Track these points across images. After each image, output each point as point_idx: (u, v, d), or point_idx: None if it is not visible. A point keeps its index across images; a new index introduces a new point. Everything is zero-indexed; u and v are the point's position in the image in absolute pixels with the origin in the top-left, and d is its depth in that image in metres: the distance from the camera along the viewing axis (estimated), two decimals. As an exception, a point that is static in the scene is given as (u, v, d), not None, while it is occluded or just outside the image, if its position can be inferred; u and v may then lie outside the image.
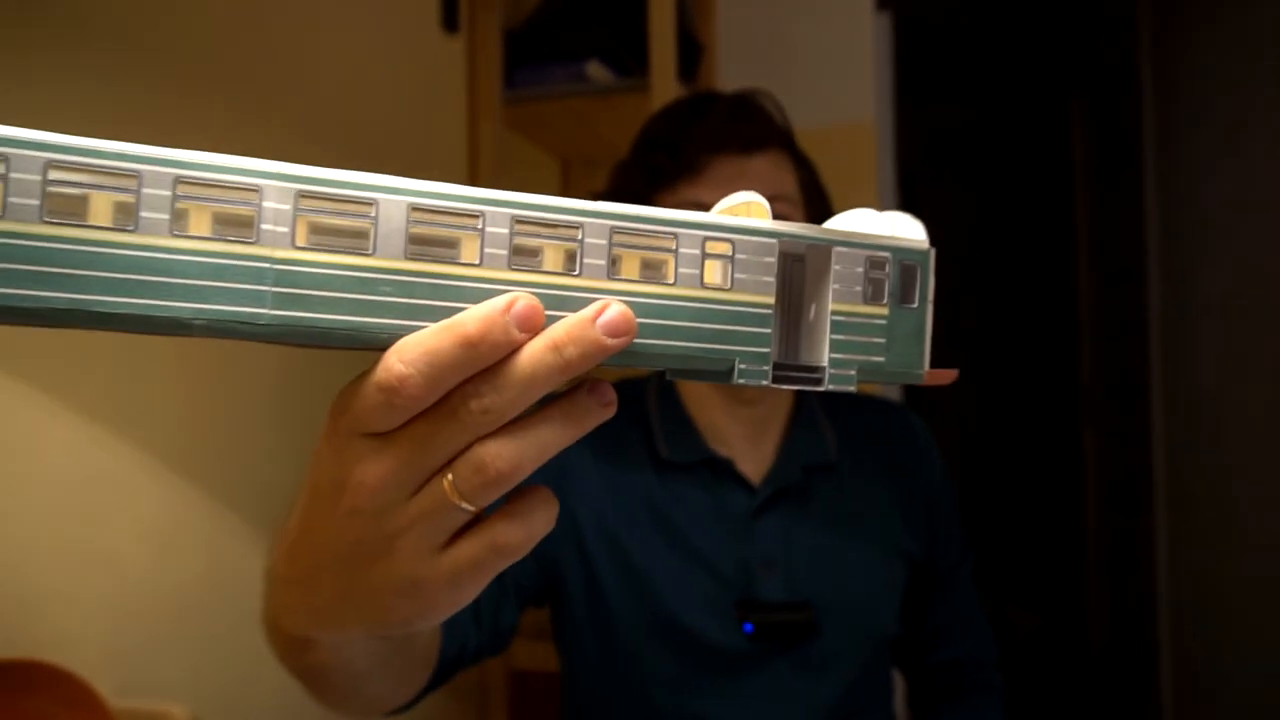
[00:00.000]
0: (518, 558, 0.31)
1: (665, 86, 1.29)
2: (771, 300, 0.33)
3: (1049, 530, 3.33)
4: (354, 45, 1.08)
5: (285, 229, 0.27)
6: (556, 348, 0.28)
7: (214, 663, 0.84)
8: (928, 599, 0.90)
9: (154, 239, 0.26)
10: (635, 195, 0.80)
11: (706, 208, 0.63)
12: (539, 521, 0.31)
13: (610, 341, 0.29)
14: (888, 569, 0.85)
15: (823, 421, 0.88)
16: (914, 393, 2.36)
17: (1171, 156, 2.43)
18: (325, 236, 0.28)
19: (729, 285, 0.33)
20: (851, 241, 0.34)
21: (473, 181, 1.40)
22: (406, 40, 1.23)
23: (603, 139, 1.64)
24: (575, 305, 0.30)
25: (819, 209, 0.83)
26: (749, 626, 0.79)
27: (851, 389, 0.35)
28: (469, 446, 0.29)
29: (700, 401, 0.85)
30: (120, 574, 0.74)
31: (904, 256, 0.35)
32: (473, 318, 0.28)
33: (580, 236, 0.30)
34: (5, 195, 0.24)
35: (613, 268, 0.31)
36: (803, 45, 1.60)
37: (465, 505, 0.29)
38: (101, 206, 0.25)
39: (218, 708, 0.82)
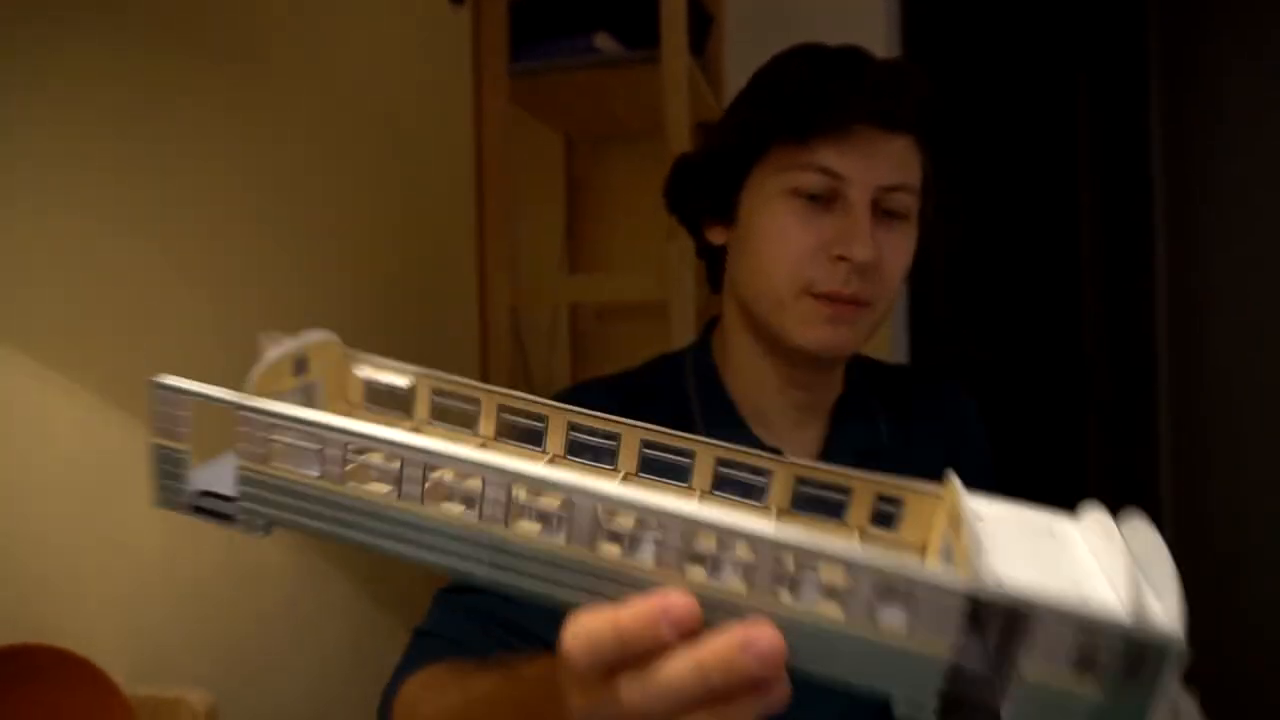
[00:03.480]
0: None
1: (676, 58, 1.27)
2: (945, 656, 0.30)
3: (1051, 501, 3.31)
4: (360, 17, 1.06)
5: (500, 513, 0.34)
6: (702, 670, 0.29)
7: (233, 651, 0.82)
8: None
9: (411, 506, 0.35)
10: (751, 141, 0.75)
11: (833, 174, 0.67)
12: None
13: (759, 672, 0.29)
14: None
15: (875, 403, 0.84)
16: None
17: (1179, 134, 2.40)
18: (529, 520, 0.35)
19: (905, 631, 0.30)
20: (1064, 608, 0.29)
21: (478, 160, 1.38)
22: (412, 12, 1.20)
23: (610, 114, 1.61)
24: (743, 613, 0.31)
25: (928, 204, 0.78)
26: None
27: None
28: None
29: (746, 382, 0.80)
30: (135, 559, 0.72)
31: (1137, 640, 0.28)
32: (629, 611, 0.30)
33: (758, 555, 0.31)
34: (324, 463, 0.36)
35: (782, 587, 0.32)
36: (811, 17, 1.57)
37: None
38: (373, 479, 0.37)
39: (237, 696, 0.81)
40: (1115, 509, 0.36)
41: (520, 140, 1.54)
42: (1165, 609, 0.29)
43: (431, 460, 0.35)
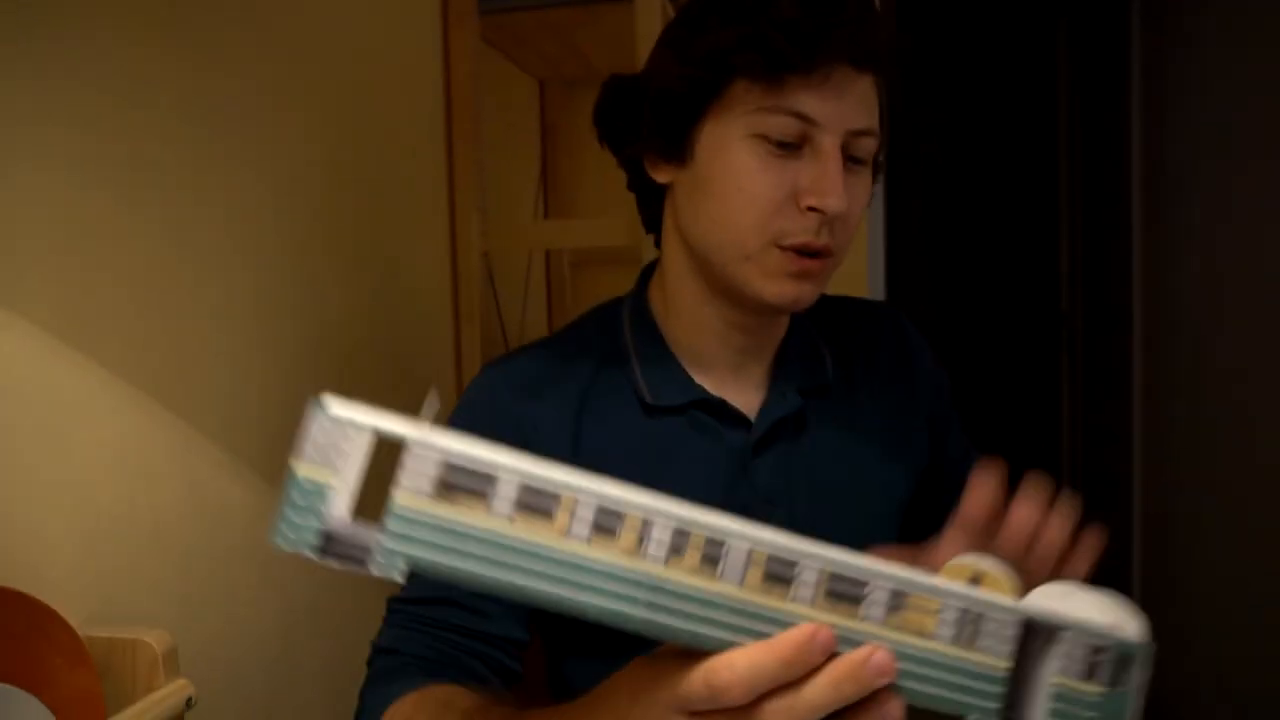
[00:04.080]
0: None
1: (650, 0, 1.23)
2: (1007, 665, 0.40)
3: (1024, 458, 3.35)
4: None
5: (662, 554, 0.38)
6: (836, 684, 0.37)
7: (195, 593, 0.81)
8: (941, 502, 0.84)
9: (578, 547, 0.37)
10: (713, 76, 0.68)
11: (806, 119, 0.66)
12: None
13: (878, 681, 0.37)
14: (890, 487, 0.81)
15: (818, 339, 0.82)
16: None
17: (1158, 82, 2.39)
18: (686, 563, 0.38)
19: (975, 647, 0.40)
20: (1085, 627, 0.41)
21: (447, 99, 1.34)
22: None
23: (583, 57, 1.58)
24: (857, 639, 0.39)
25: (883, 142, 0.73)
26: None
27: None
28: None
29: (686, 327, 0.77)
30: (88, 501, 0.70)
31: (1124, 649, 0.41)
32: (790, 643, 0.37)
33: (868, 591, 0.39)
34: (491, 503, 0.37)
35: (889, 616, 0.39)
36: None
37: None
38: (543, 519, 0.37)
39: (198, 638, 0.80)
40: (1088, 463, 0.42)
41: (494, 85, 1.51)
42: (1136, 623, 0.41)
43: (606, 503, 0.38)
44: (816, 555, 0.39)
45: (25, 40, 0.66)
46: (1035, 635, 0.41)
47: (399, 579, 0.38)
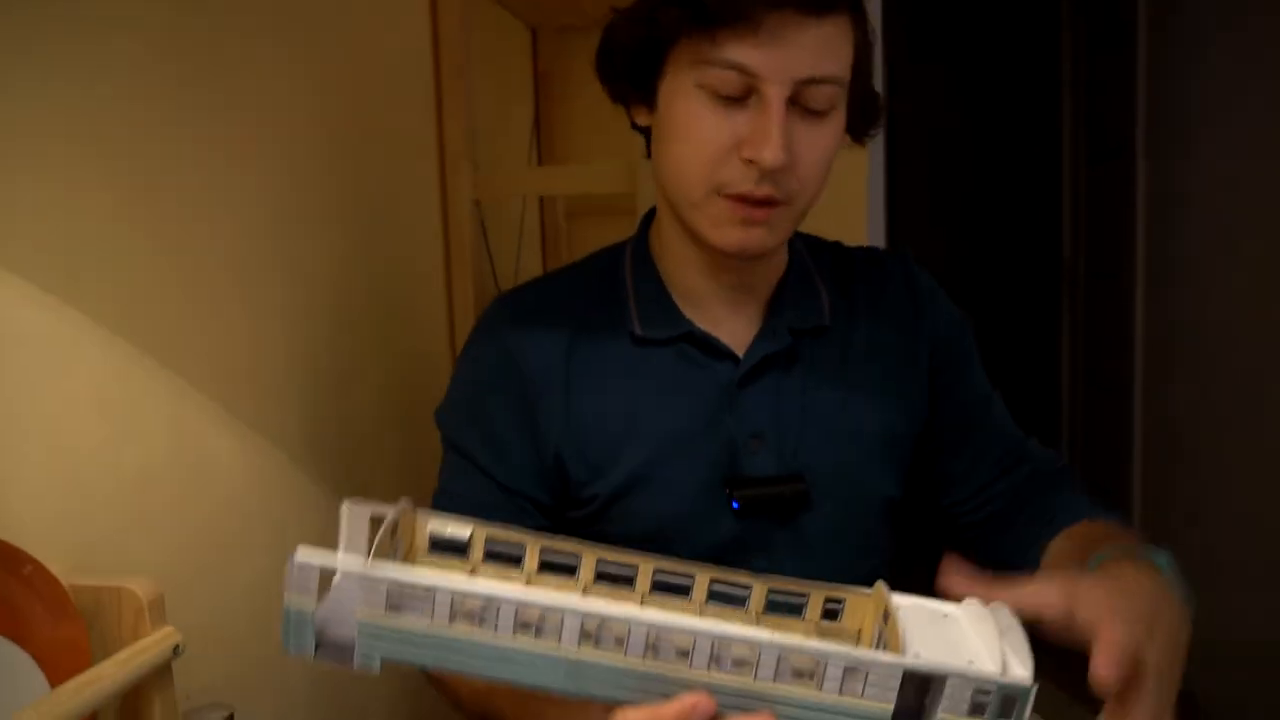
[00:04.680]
0: None
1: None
2: (890, 707, 0.46)
3: (1024, 408, 3.35)
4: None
5: (574, 640, 0.46)
6: None
7: (183, 543, 0.80)
8: (970, 437, 0.85)
9: (503, 639, 0.47)
10: (659, 32, 0.69)
11: (745, 71, 0.67)
12: None
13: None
14: (885, 431, 0.80)
15: (818, 281, 0.82)
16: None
17: (1165, 32, 2.33)
18: (594, 642, 0.47)
19: (860, 694, 0.46)
20: (966, 674, 0.46)
21: (436, 46, 1.31)
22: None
23: (576, 3, 1.54)
24: (752, 697, 0.47)
25: (862, 89, 0.72)
26: (735, 503, 0.75)
27: None
28: None
29: (678, 267, 0.79)
30: (70, 449, 0.69)
31: (1007, 690, 0.45)
32: (670, 710, 0.46)
33: (759, 655, 0.46)
34: (434, 612, 0.47)
35: (779, 677, 0.47)
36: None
37: None
38: (474, 621, 0.47)
39: (187, 588, 0.79)
40: (1088, 403, 0.40)
41: (486, 32, 1.47)
42: (1023, 663, 0.47)
43: (522, 605, 0.47)
44: (708, 633, 0.46)
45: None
46: (924, 679, 0.47)
47: (377, 670, 0.48)
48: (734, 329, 0.79)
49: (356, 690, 1.12)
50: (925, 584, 0.57)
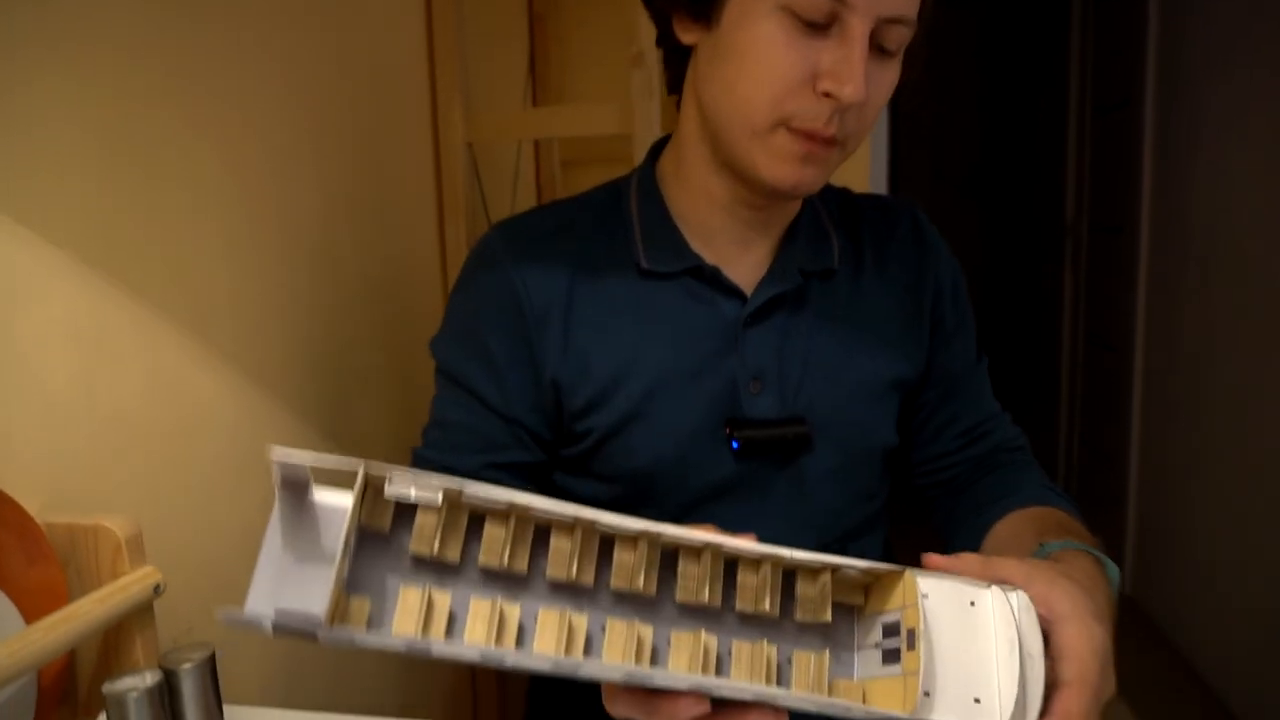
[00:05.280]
0: None
1: None
2: None
3: (1025, 368, 3.34)
4: None
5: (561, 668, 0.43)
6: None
7: (161, 480, 0.78)
8: (947, 402, 0.83)
9: (483, 653, 0.43)
10: None
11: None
12: None
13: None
14: (888, 378, 0.78)
15: (827, 224, 0.80)
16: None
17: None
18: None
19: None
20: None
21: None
22: None
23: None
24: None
25: (920, 36, 0.68)
26: (735, 443, 0.73)
27: None
28: None
29: (694, 197, 0.75)
30: (39, 382, 0.66)
31: None
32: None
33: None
34: (405, 649, 0.42)
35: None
36: None
37: None
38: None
39: (165, 525, 0.77)
40: (1088, 372, 0.36)
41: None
42: (1032, 689, 0.45)
43: (509, 663, 0.42)
44: (698, 685, 0.43)
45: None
46: None
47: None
48: (742, 267, 0.76)
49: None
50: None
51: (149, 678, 0.60)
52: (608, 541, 0.47)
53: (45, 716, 0.60)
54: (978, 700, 0.45)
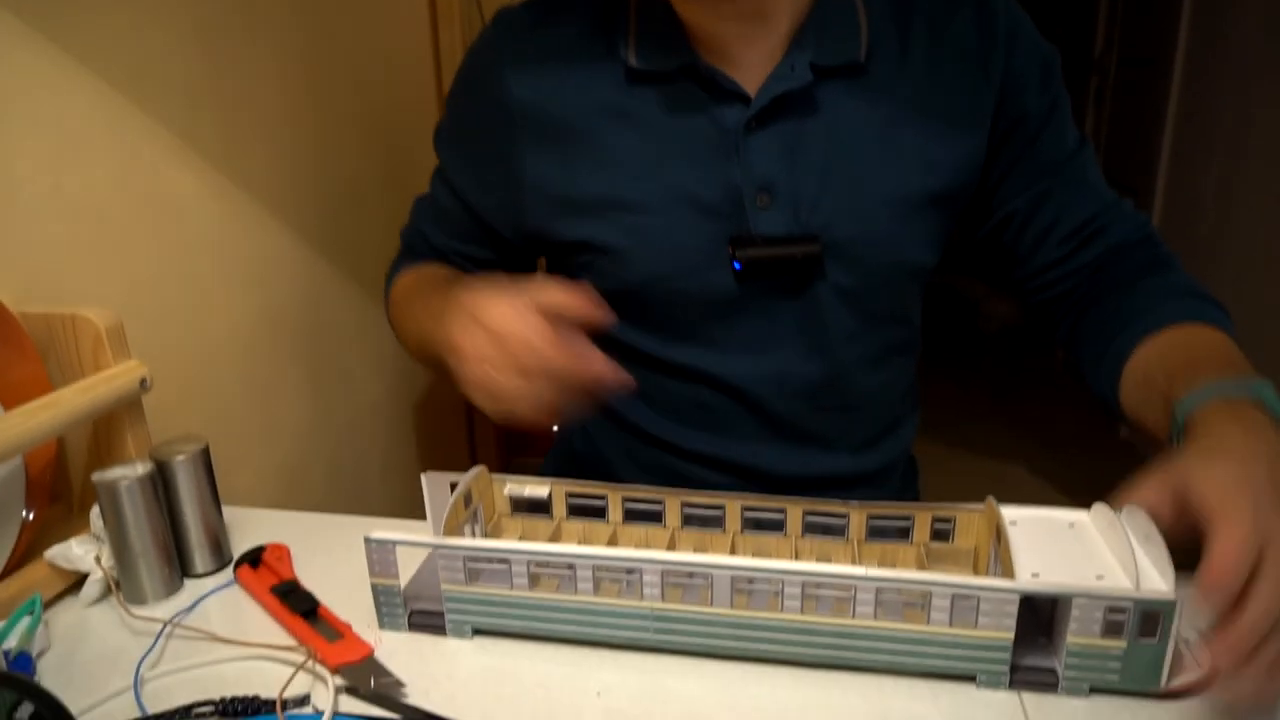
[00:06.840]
0: None
1: None
2: (1010, 636, 0.44)
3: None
4: None
5: (657, 591, 0.48)
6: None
7: (140, 280, 0.74)
8: (1043, 205, 0.72)
9: (585, 598, 0.49)
10: None
11: None
12: None
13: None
14: (926, 191, 0.68)
15: (860, 11, 0.67)
16: None
17: None
18: (680, 594, 0.49)
19: (975, 624, 0.44)
20: (1093, 593, 0.42)
21: None
22: None
23: None
24: (854, 637, 0.47)
25: None
26: (737, 264, 0.67)
27: (1083, 697, 0.44)
28: None
29: None
30: (7, 174, 0.62)
31: (1146, 606, 0.42)
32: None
33: (854, 593, 0.45)
34: (512, 578, 0.50)
35: (879, 612, 0.45)
36: None
37: None
38: (552, 582, 0.51)
39: (152, 325, 0.74)
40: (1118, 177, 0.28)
41: None
42: (1163, 575, 0.43)
43: (599, 561, 0.48)
44: (797, 573, 0.45)
45: None
46: (1049, 602, 0.46)
47: (470, 638, 0.52)
48: (748, 68, 0.66)
49: (345, 427, 1.10)
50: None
51: (140, 468, 0.58)
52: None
53: (36, 508, 0.59)
54: (1100, 576, 0.44)
